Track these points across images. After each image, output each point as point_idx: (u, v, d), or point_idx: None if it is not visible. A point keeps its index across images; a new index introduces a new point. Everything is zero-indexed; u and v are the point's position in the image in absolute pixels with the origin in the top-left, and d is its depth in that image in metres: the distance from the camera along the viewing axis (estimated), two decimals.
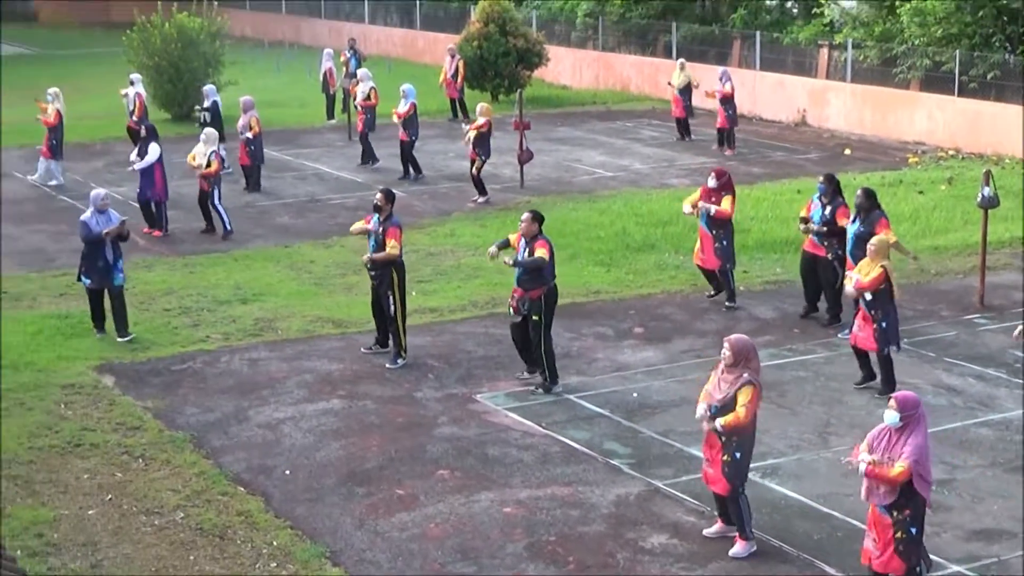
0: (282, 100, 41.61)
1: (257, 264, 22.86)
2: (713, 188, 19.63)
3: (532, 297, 16.31)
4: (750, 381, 11.89)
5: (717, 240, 19.68)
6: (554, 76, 45.89)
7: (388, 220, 17.42)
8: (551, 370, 16.57)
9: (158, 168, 24.68)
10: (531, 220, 16.35)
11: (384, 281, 17.50)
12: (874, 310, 16.08)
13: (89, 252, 18.59)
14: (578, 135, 35.82)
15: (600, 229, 24.63)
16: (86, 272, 18.70)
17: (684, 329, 19.05)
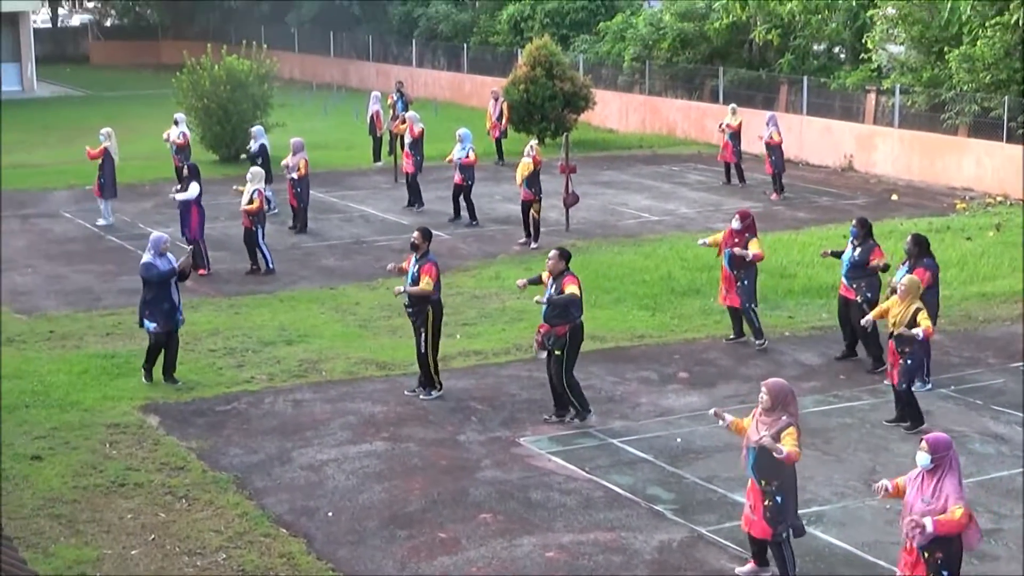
0: (329, 142, 41.84)
1: (302, 305, 22.95)
2: (737, 230, 19.82)
3: (558, 333, 16.51)
4: (792, 423, 11.87)
5: (739, 280, 19.94)
6: (600, 120, 45.99)
7: (424, 258, 17.57)
8: (580, 400, 16.78)
9: (195, 207, 24.88)
10: (558, 258, 16.64)
11: (420, 318, 17.65)
12: (903, 347, 16.22)
13: (154, 295, 18.22)
14: (624, 179, 35.85)
15: (645, 273, 24.60)
16: (151, 316, 18.27)
17: (729, 374, 18.98)
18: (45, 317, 22.34)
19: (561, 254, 16.70)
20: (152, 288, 18.23)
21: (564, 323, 16.48)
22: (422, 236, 17.81)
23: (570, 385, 16.70)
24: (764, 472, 11.96)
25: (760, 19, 42.58)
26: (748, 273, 19.98)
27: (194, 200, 24.84)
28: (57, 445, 16.25)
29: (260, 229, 25.03)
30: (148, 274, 18.20)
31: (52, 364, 19.49)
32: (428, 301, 17.57)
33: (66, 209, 31.92)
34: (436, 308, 17.70)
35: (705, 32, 44.00)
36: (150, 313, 18.29)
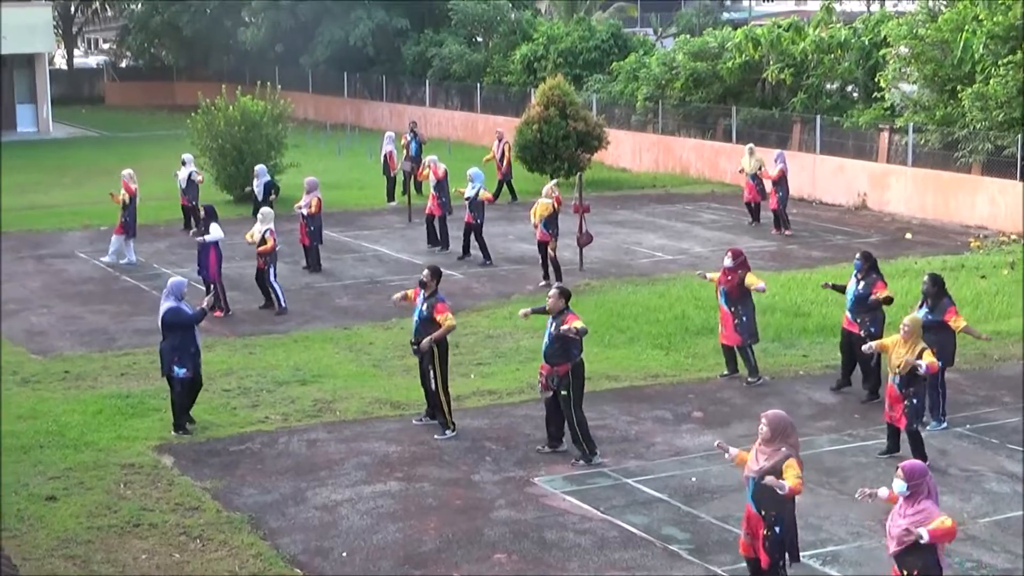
0: (343, 182, 41.96)
1: (316, 345, 22.98)
2: (730, 268, 19.98)
3: (560, 372, 16.53)
4: (791, 455, 11.95)
5: (737, 317, 20.00)
6: (614, 159, 46.07)
7: (433, 297, 17.60)
8: (587, 441, 16.76)
9: (213, 248, 24.98)
10: (557, 297, 16.70)
11: (426, 355, 17.67)
12: (907, 388, 16.26)
13: (181, 340, 17.89)
14: (637, 218, 35.89)
15: (659, 312, 24.60)
16: (180, 361, 17.91)
17: (743, 413, 18.95)
18: (60, 357, 22.40)
19: (561, 292, 16.77)
20: (178, 333, 17.89)
21: (564, 362, 16.53)
22: (431, 274, 17.84)
23: (579, 423, 16.69)
24: (764, 503, 12.07)
25: (773, 58, 42.70)
26: (746, 309, 20.06)
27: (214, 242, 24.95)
28: (72, 485, 16.27)
29: (272, 268, 25.12)
30: (178, 319, 17.85)
31: (67, 404, 19.53)
32: None
33: (81, 249, 32.04)
34: (441, 345, 17.75)
35: (718, 71, 44.12)
36: (179, 359, 17.91)
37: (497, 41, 57.73)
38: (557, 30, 53.98)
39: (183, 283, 18.34)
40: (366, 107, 62.68)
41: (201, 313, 18.08)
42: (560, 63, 51.64)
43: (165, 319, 17.92)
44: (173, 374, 17.97)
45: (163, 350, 18.08)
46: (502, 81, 54.65)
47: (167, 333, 17.99)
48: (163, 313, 17.96)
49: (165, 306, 17.98)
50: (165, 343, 18.04)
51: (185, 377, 17.97)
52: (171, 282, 18.30)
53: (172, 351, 17.93)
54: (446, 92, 58.33)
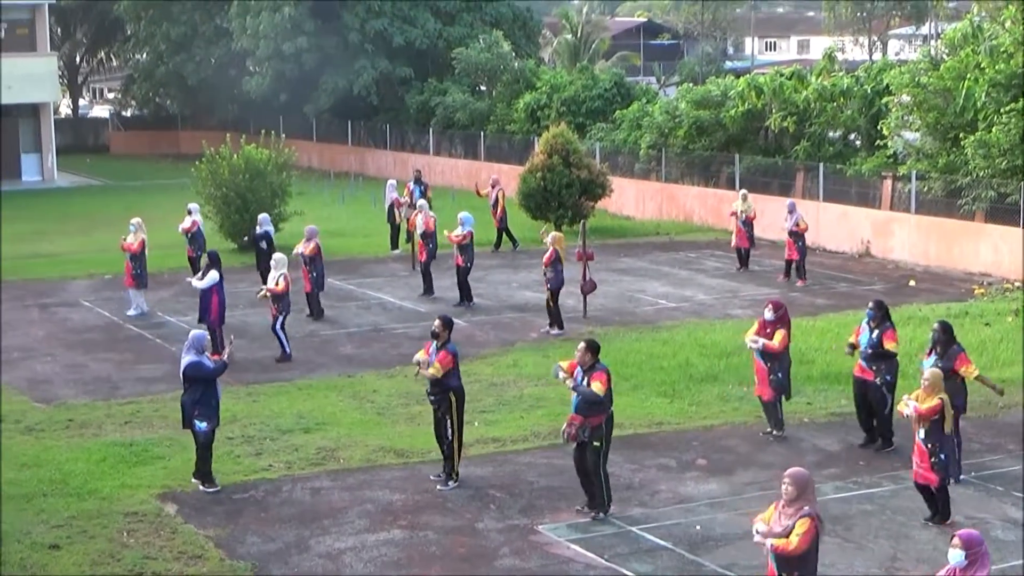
0: (347, 230, 42.04)
1: (320, 393, 22.98)
2: (770, 320, 19.67)
3: (593, 424, 16.28)
4: (809, 513, 11.81)
5: (772, 373, 19.68)
6: (617, 207, 46.18)
7: (443, 346, 17.58)
8: (608, 494, 16.60)
9: (215, 294, 24.99)
10: (585, 350, 16.38)
11: (443, 405, 17.63)
12: (930, 444, 16.05)
13: (203, 393, 17.67)
14: (641, 265, 35.94)
15: (663, 360, 24.61)
16: (201, 415, 17.70)
17: (748, 461, 18.92)
18: (64, 406, 22.41)
19: (588, 346, 16.43)
20: (200, 387, 17.67)
21: (598, 413, 16.26)
22: (443, 324, 17.77)
23: (605, 478, 16.50)
24: (784, 564, 11.88)
25: (775, 106, 42.85)
26: (782, 365, 19.75)
27: (215, 287, 24.96)
28: (75, 534, 16.25)
29: (283, 317, 25.06)
30: (199, 374, 17.64)
31: (70, 452, 19.53)
32: (450, 388, 17.57)
33: (85, 298, 32.07)
34: (459, 395, 17.71)
35: (721, 119, 44.27)
36: (201, 413, 17.68)
37: (501, 90, 57.96)
38: (560, 79, 54.24)
39: (204, 336, 18.18)
40: (370, 155, 62.86)
41: (222, 366, 17.93)
42: (563, 111, 51.85)
43: (186, 373, 17.70)
44: (195, 428, 17.77)
45: (184, 404, 17.86)
46: (506, 129, 54.85)
47: (188, 387, 17.79)
48: (184, 367, 17.76)
49: (186, 360, 17.77)
50: (186, 396, 17.80)
51: (207, 431, 17.78)
52: (192, 335, 18.13)
53: (193, 405, 17.71)
54: (450, 140, 58.52)
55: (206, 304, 25.10)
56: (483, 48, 58.66)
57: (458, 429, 17.72)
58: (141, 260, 29.41)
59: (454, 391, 17.64)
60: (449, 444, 17.77)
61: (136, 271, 29.43)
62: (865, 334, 19.14)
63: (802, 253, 32.95)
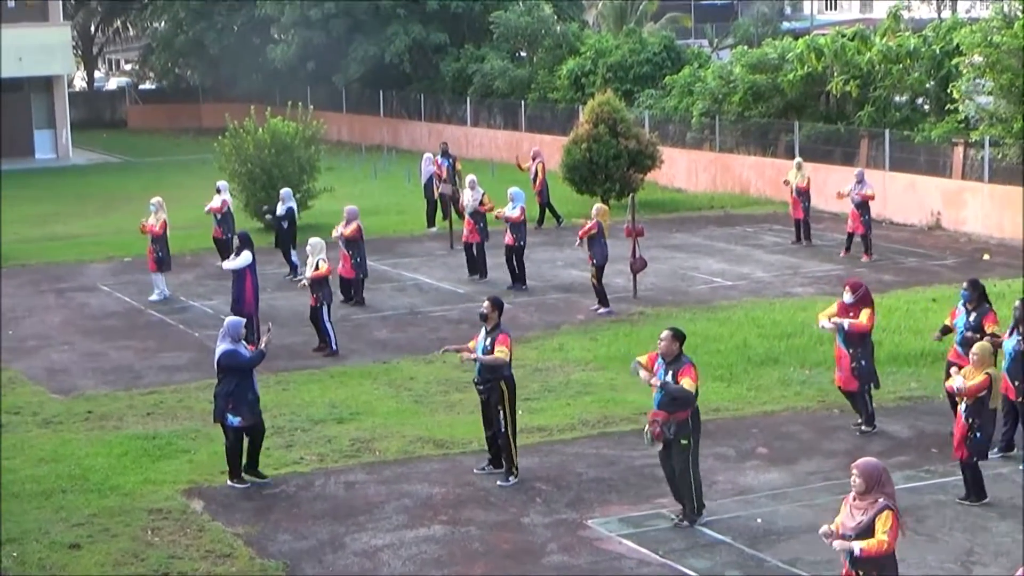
0: (380, 207, 42.09)
1: (354, 381, 23.02)
2: (850, 303, 19.21)
3: (679, 419, 15.79)
4: (888, 506, 11.68)
5: (855, 359, 19.20)
6: (668, 179, 46.05)
7: (496, 330, 17.49)
8: (699, 498, 16.22)
9: (248, 279, 25.03)
10: (671, 339, 15.81)
11: (493, 395, 17.56)
12: (971, 418, 16.12)
13: (237, 385, 17.51)
14: (694, 241, 35.85)
15: (719, 342, 24.54)
16: (235, 409, 17.52)
17: (812, 449, 18.86)
18: (83, 397, 22.54)
19: (675, 335, 15.86)
20: (234, 378, 17.52)
21: (685, 409, 15.77)
22: (493, 306, 17.62)
23: (695, 476, 16.07)
24: (860, 563, 11.73)
25: (837, 69, 42.58)
26: (865, 351, 19.31)
27: (248, 269, 24.97)
28: (96, 533, 16.34)
29: (326, 307, 25.04)
30: (234, 363, 17.50)
31: (90, 446, 19.64)
32: (500, 377, 17.52)
33: (104, 282, 32.24)
34: (509, 384, 17.59)
35: (778, 84, 44.04)
36: (234, 406, 17.52)
37: (542, 56, 57.84)
38: (606, 43, 54.06)
39: (240, 323, 18.03)
40: (403, 127, 62.92)
41: (259, 355, 17.80)
42: (610, 78, 51.69)
43: (220, 362, 17.63)
44: (226, 422, 17.65)
45: (217, 395, 17.78)
46: (548, 98, 54.74)
47: (222, 377, 17.70)
48: (218, 356, 17.69)
49: (221, 348, 17.69)
50: (220, 387, 17.69)
51: (240, 426, 17.63)
52: (227, 322, 18.02)
53: (226, 397, 17.57)
54: (488, 110, 58.48)
55: (239, 289, 25.05)
56: (523, 11, 58.57)
57: (512, 421, 17.64)
58: (163, 242, 29.50)
59: (505, 379, 17.54)
60: (503, 435, 17.67)
61: (159, 254, 29.51)
62: (961, 316, 18.70)
63: (867, 226, 32.78)
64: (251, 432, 17.83)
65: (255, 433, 17.88)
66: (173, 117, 76.19)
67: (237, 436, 17.75)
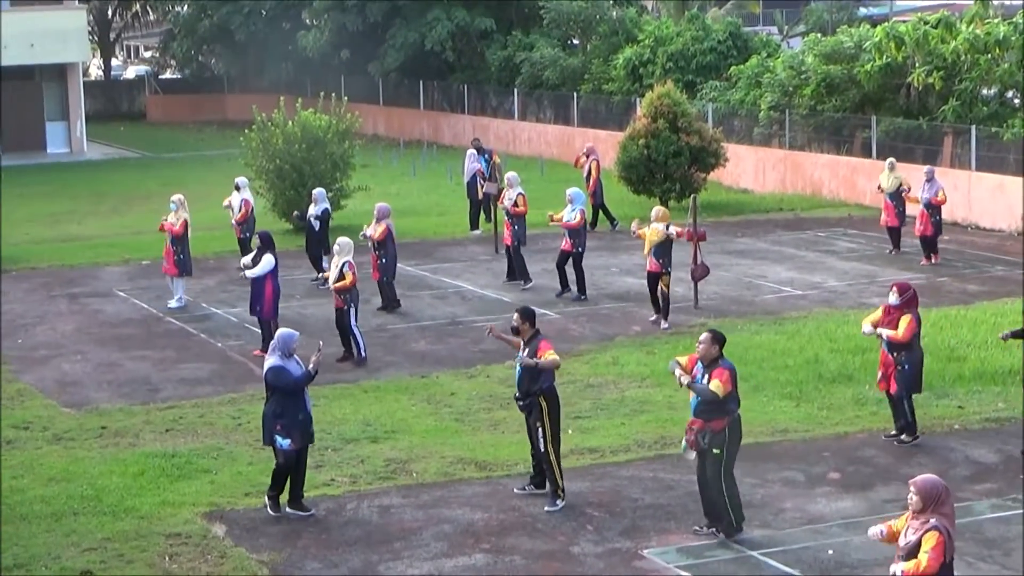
0: (419, 207, 42.17)
1: (389, 396, 23.06)
2: (895, 305, 19.73)
3: (715, 428, 16.25)
4: (936, 526, 11.82)
5: (899, 364, 19.76)
6: (733, 179, 45.98)
7: (534, 339, 17.56)
8: (736, 510, 16.48)
9: (270, 282, 25.12)
10: (710, 341, 16.36)
11: (533, 410, 17.60)
12: None
13: (287, 405, 17.41)
14: (761, 247, 35.77)
15: (788, 357, 24.47)
16: (284, 430, 17.36)
17: (888, 474, 18.78)
18: (96, 411, 22.65)
19: (714, 337, 16.43)
20: (283, 397, 17.43)
21: (722, 416, 16.26)
22: (522, 317, 17.79)
23: (729, 489, 16.43)
24: None
25: (919, 60, 42.42)
26: (911, 356, 19.74)
27: (270, 274, 25.08)
28: (110, 558, 16.42)
29: (353, 310, 25.10)
30: (281, 382, 17.41)
31: (104, 465, 19.73)
32: (541, 390, 17.54)
33: (120, 287, 32.38)
34: (550, 398, 17.66)
35: (854, 76, 43.90)
36: (283, 427, 17.37)
37: (597, 43, 57.87)
38: (666, 30, 54.03)
39: (293, 337, 17.73)
40: (445, 121, 63.03)
41: (307, 377, 17.54)
42: (670, 68, 51.67)
43: (267, 379, 17.59)
44: (276, 445, 17.56)
45: (265, 415, 17.71)
46: (602, 89, 54.75)
47: (270, 396, 17.67)
48: (265, 372, 17.64)
49: (269, 363, 17.59)
50: (268, 407, 17.65)
51: (291, 450, 17.47)
52: (279, 335, 17.81)
53: (275, 418, 17.47)
54: (537, 103, 58.52)
55: (258, 293, 25.23)
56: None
57: (553, 437, 17.67)
58: (184, 243, 29.53)
59: (545, 394, 17.60)
60: (544, 456, 17.72)
61: (179, 256, 29.53)
62: None
63: (937, 228, 32.68)
64: (299, 455, 17.67)
65: (300, 459, 17.70)
66: (196, 109, 76.61)
67: (288, 460, 17.54)
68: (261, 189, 37.73)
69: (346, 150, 38.70)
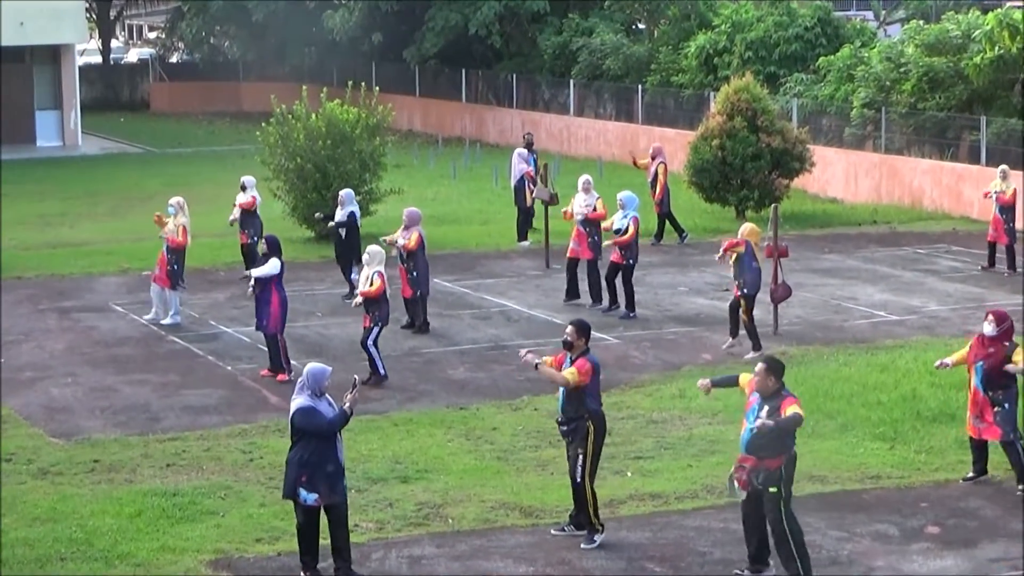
0: (460, 214, 42.18)
1: (422, 430, 23.06)
2: (991, 336, 19.66)
3: (770, 467, 16.28)
4: None
5: (997, 403, 19.67)
6: (820, 186, 45.88)
7: (581, 356, 17.68)
8: (803, 558, 16.42)
9: (275, 291, 25.16)
10: (765, 374, 16.38)
11: (577, 434, 17.66)
12: None
13: (314, 452, 16.83)
14: (852, 265, 35.67)
15: (881, 392, 24.38)
16: (310, 483, 16.79)
17: (995, 529, 18.69)
18: (88, 442, 22.70)
19: (770, 368, 16.43)
20: (312, 443, 16.87)
21: (777, 455, 16.29)
22: (577, 331, 17.92)
23: (792, 532, 16.40)
24: None
25: None
26: (1009, 394, 19.67)
27: (274, 281, 25.12)
28: None
29: (378, 329, 25.16)
30: (311, 425, 16.82)
31: (96, 504, 19.77)
32: (586, 412, 17.62)
33: (117, 300, 32.47)
34: (597, 422, 17.76)
35: (962, 69, 43.80)
36: (309, 479, 16.81)
37: (665, 29, 57.93)
38: (746, 14, 54.02)
39: (325, 373, 17.19)
40: (490, 115, 63.09)
41: (342, 417, 16.97)
42: (749, 58, 51.64)
43: (294, 421, 17.01)
44: (298, 498, 16.99)
45: (289, 463, 17.05)
46: (671, 82, 54.75)
47: (296, 440, 17.03)
48: (292, 413, 17.06)
49: (296, 403, 17.05)
50: (293, 453, 17.04)
51: (314, 505, 16.93)
52: (308, 370, 17.24)
53: (300, 467, 16.89)
54: (596, 96, 58.56)
55: (263, 304, 25.25)
56: None
57: (592, 466, 17.77)
58: (180, 253, 29.54)
59: (591, 416, 17.69)
60: (579, 487, 17.80)
61: (173, 266, 29.54)
62: None
63: (1011, 235, 32.68)
64: (330, 513, 17.11)
65: (336, 515, 17.14)
66: (206, 98, 76.87)
67: (310, 517, 17.07)
68: (279, 191, 37.82)
69: (377, 148, 38.75)
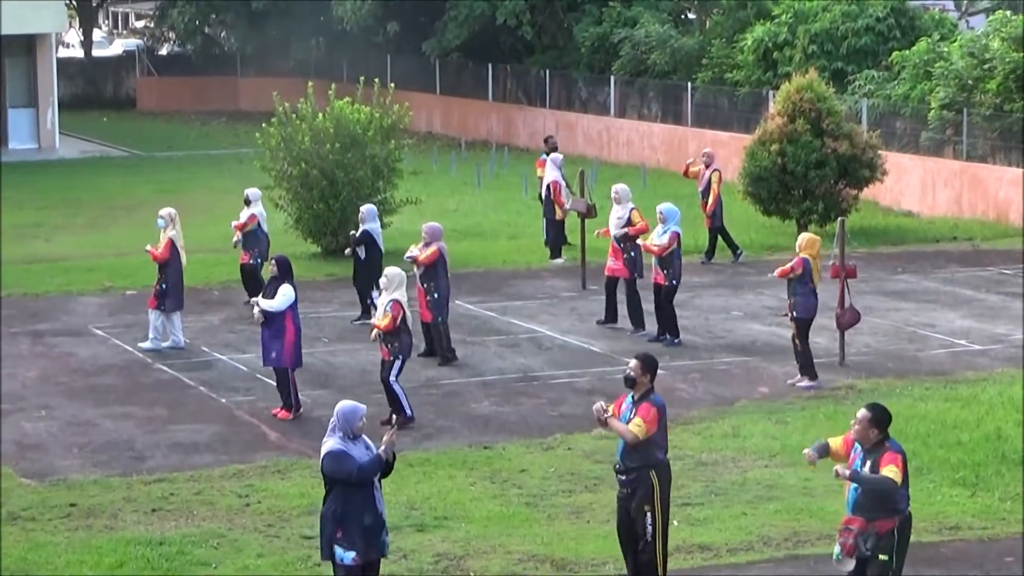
0: (485, 228, 42.21)
1: (442, 472, 23.06)
2: None
3: (880, 531, 15.96)
4: None
5: None
6: (893, 197, 45.82)
7: (645, 397, 17.45)
8: None
9: (290, 321, 25.07)
10: (868, 423, 15.96)
11: (641, 489, 17.48)
12: None
13: (348, 503, 16.38)
14: (929, 287, 35.63)
15: (961, 431, 24.34)
16: (346, 539, 16.28)
17: None
18: (64, 484, 22.70)
19: (875, 418, 15.97)
20: (346, 494, 16.38)
21: (890, 516, 15.93)
22: (643, 366, 17.55)
23: None
24: None
25: None
26: None
27: (289, 310, 25.06)
28: None
29: (399, 363, 24.99)
30: (340, 471, 16.28)
31: (73, 553, 19.78)
32: (652, 464, 17.48)
33: (98, 323, 32.51)
34: (663, 473, 17.58)
35: None
36: (345, 534, 16.29)
37: (718, 19, 57.97)
38: (810, 3, 53.98)
39: (358, 412, 16.59)
40: (520, 116, 63.13)
41: (376, 463, 16.39)
42: (813, 52, 51.61)
43: (323, 467, 16.56)
44: (335, 559, 16.49)
45: (323, 518, 16.58)
46: (725, 79, 54.75)
47: (329, 490, 16.57)
48: (322, 459, 16.53)
49: (326, 446, 16.49)
50: (326, 507, 16.54)
51: (353, 565, 16.40)
52: (339, 410, 16.59)
53: (335, 522, 16.41)
54: (640, 95, 58.59)
55: (275, 335, 25.10)
56: None
57: (663, 526, 17.57)
58: (173, 269, 29.42)
59: (657, 468, 17.53)
60: (649, 548, 17.62)
61: (163, 285, 29.52)
62: None
63: None
64: (366, 572, 16.66)
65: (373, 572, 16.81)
66: (200, 95, 77.04)
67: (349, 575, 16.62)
68: (282, 200, 37.81)
69: (391, 152, 38.77)
